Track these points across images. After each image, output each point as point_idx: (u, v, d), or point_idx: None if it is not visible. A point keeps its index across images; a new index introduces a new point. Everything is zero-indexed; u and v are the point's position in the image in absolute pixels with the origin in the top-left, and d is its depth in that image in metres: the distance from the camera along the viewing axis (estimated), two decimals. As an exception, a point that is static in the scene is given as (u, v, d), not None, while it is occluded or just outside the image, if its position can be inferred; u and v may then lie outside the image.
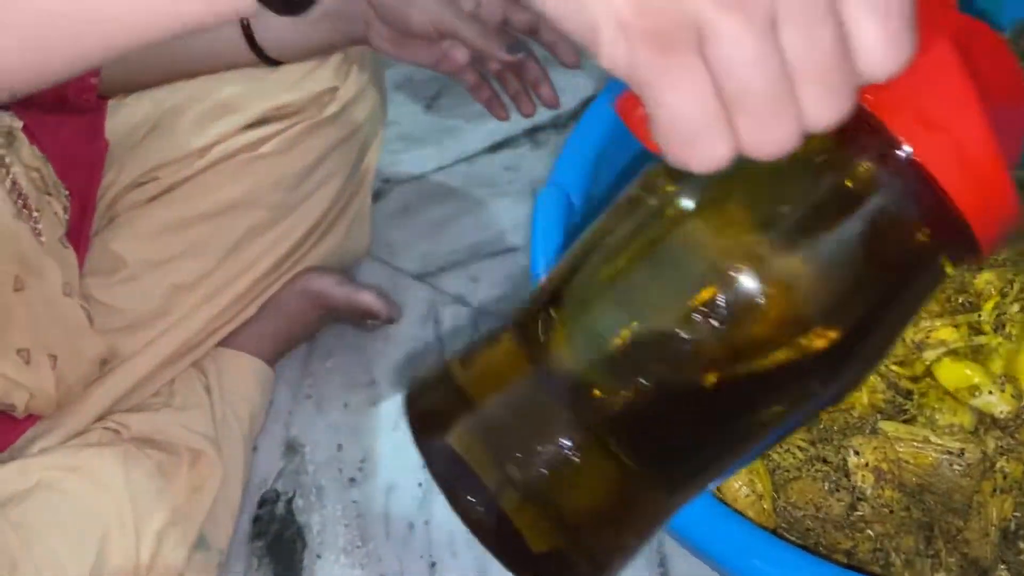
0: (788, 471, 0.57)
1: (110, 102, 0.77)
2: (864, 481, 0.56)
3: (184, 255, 0.76)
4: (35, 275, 0.66)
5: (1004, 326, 0.59)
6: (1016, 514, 0.57)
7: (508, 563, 0.32)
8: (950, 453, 0.57)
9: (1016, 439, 0.58)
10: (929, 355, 0.60)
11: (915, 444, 0.57)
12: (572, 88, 1.02)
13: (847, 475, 0.56)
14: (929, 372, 0.60)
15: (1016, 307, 0.59)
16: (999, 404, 0.58)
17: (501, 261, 0.94)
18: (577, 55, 0.67)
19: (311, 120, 0.76)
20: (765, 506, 0.56)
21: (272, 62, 0.74)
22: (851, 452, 0.56)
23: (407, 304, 0.91)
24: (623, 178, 0.57)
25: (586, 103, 1.04)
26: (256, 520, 0.79)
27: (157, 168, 0.77)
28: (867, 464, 0.56)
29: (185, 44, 0.74)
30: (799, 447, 0.58)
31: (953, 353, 0.60)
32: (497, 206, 0.99)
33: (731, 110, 0.27)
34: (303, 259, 0.82)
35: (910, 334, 0.61)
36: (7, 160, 0.67)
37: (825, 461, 0.57)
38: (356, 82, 0.78)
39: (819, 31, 0.27)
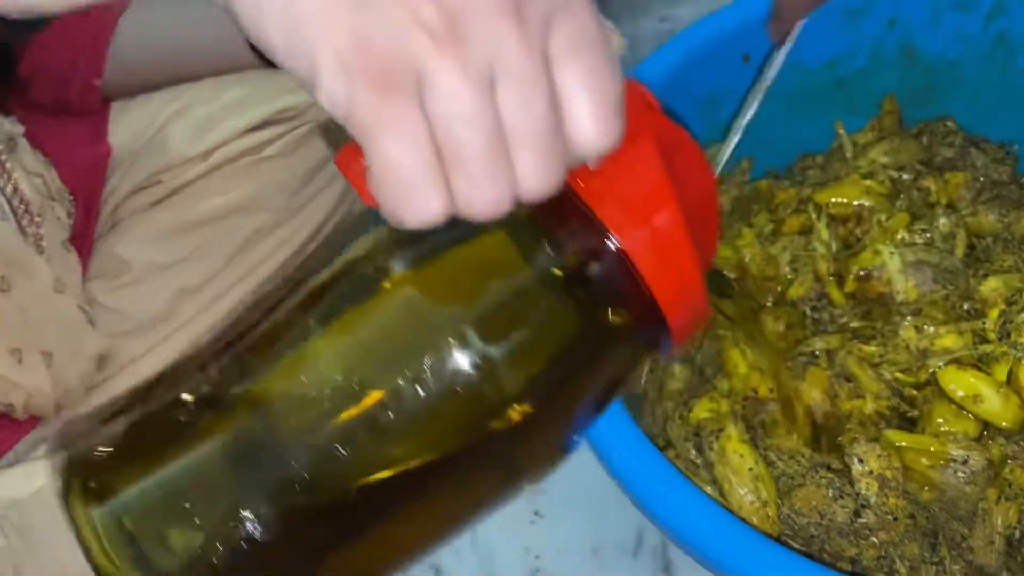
0: (792, 478, 0.57)
1: (113, 105, 0.77)
2: (868, 489, 0.56)
3: (189, 259, 0.75)
4: (23, 274, 0.66)
5: (1009, 334, 0.59)
6: (1021, 522, 0.57)
7: None
8: (955, 461, 0.57)
9: (1021, 446, 0.58)
10: (933, 362, 0.60)
11: (919, 452, 0.57)
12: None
13: (851, 482, 0.56)
14: (933, 379, 0.60)
15: (1023, 316, 0.59)
16: (1003, 413, 0.58)
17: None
18: None
19: (315, 122, 0.76)
20: (770, 513, 0.56)
21: (274, 64, 0.74)
22: (855, 460, 0.56)
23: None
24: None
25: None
26: (259, 524, 0.79)
27: (160, 172, 0.76)
28: (871, 472, 0.56)
29: (188, 45, 0.74)
30: (803, 454, 0.58)
31: (957, 361, 0.60)
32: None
33: (447, 165, 0.27)
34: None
35: (914, 341, 0.61)
36: (8, 166, 0.67)
37: (829, 468, 0.57)
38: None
39: (533, 96, 0.27)
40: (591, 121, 0.28)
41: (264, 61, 0.74)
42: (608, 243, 0.32)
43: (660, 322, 0.33)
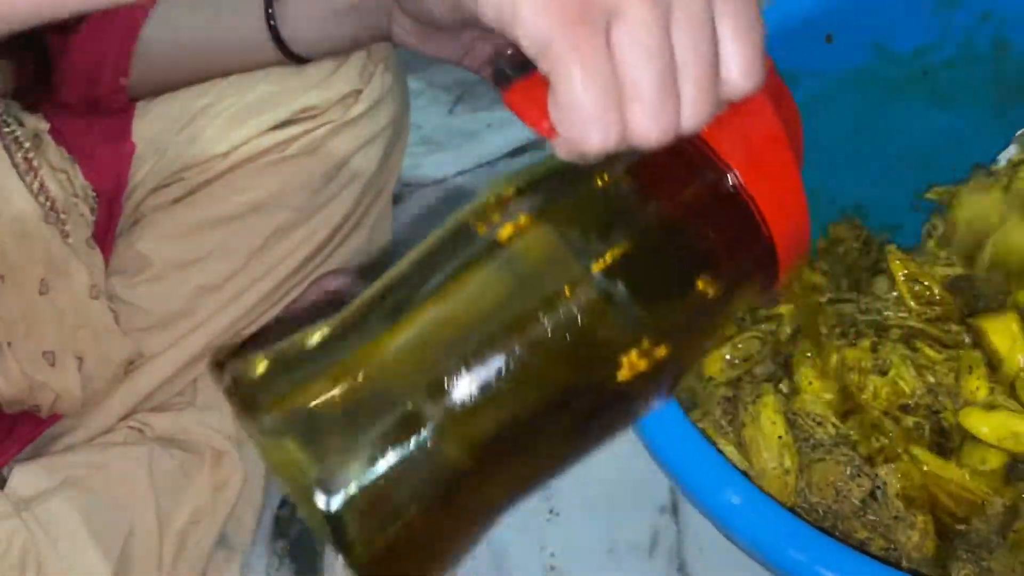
0: (815, 448, 0.58)
1: (138, 103, 0.77)
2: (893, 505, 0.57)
3: (210, 256, 0.76)
4: (62, 277, 0.66)
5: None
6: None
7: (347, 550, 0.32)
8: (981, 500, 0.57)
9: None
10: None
11: (948, 481, 0.58)
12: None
13: (870, 463, 0.57)
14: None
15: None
16: None
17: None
18: None
19: (336, 122, 0.77)
20: (789, 481, 0.57)
21: (298, 60, 0.74)
22: (888, 479, 0.57)
23: (427, 307, 0.91)
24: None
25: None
26: (278, 520, 0.79)
27: (183, 170, 0.77)
28: (898, 493, 0.57)
29: (214, 43, 0.75)
30: (831, 422, 0.59)
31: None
32: (517, 210, 0.99)
33: (625, 95, 0.30)
34: (326, 261, 0.82)
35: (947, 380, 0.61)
36: (35, 163, 0.68)
37: (853, 447, 0.58)
38: (380, 84, 0.79)
39: (702, 35, 0.31)
40: (741, 62, 0.32)
41: (289, 56, 0.75)
42: (732, 181, 0.34)
43: (774, 262, 0.36)
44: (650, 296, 0.34)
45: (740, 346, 0.64)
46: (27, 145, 0.68)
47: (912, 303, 0.64)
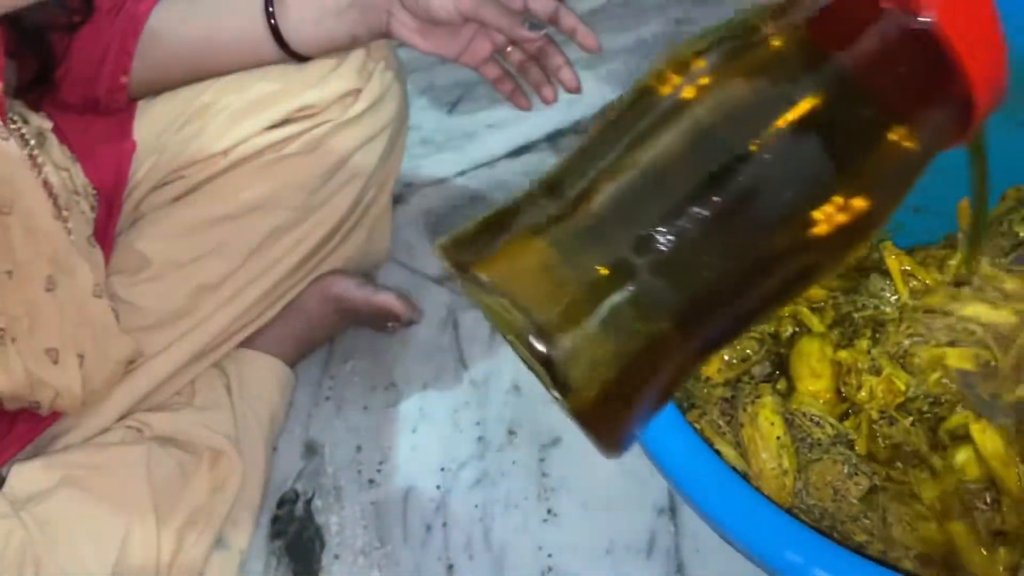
0: (812, 448, 0.58)
1: (139, 103, 0.77)
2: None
3: (208, 255, 0.76)
4: (67, 275, 0.66)
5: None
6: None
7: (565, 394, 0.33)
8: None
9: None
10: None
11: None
12: (592, 93, 1.02)
13: (870, 460, 0.57)
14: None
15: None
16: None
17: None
18: (596, 39, 0.68)
19: (335, 121, 0.77)
20: (787, 483, 0.57)
21: (298, 57, 0.74)
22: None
23: (427, 308, 0.91)
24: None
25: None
26: (275, 520, 0.79)
27: (182, 168, 0.77)
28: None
29: (213, 42, 0.75)
30: (829, 422, 0.59)
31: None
32: (517, 211, 0.99)
33: None
34: (325, 261, 0.83)
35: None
36: (39, 160, 0.68)
37: (850, 446, 0.58)
38: (380, 83, 0.79)
39: None
40: None
41: (289, 53, 0.75)
42: (921, 17, 0.33)
43: (969, 104, 0.35)
44: (842, 147, 0.33)
45: (738, 346, 0.64)
46: (32, 143, 0.68)
47: (908, 299, 0.64)
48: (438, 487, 0.80)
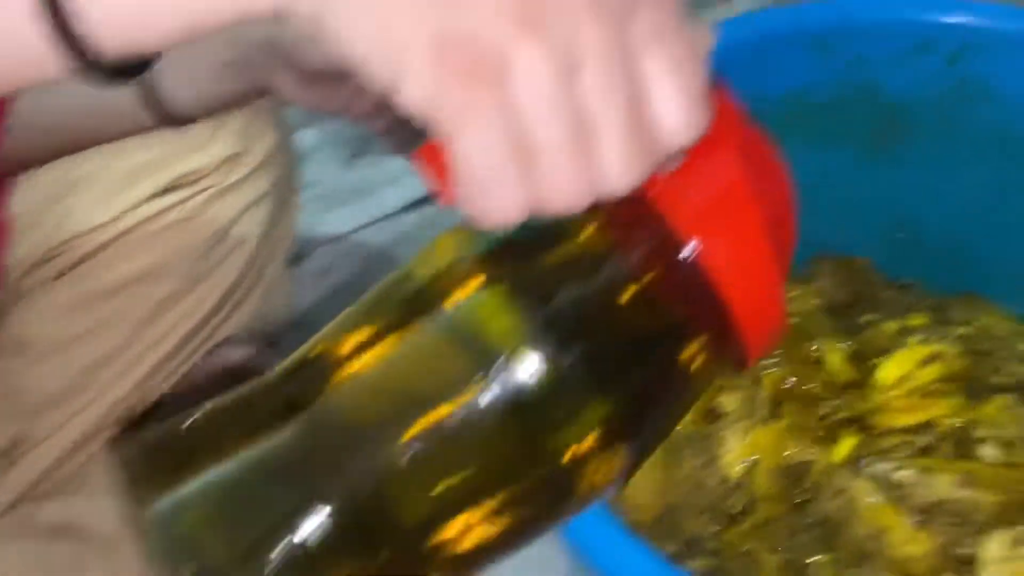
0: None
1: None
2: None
3: (93, 332, 0.74)
4: None
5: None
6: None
7: None
8: None
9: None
10: None
11: None
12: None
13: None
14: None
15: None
16: None
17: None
18: None
19: (217, 186, 0.75)
20: (657, 476, 0.58)
21: (175, 122, 0.73)
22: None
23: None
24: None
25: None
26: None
27: (62, 243, 0.75)
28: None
29: (89, 111, 0.73)
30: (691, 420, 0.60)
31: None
32: (418, 264, 0.98)
33: (528, 156, 0.27)
34: (220, 328, 0.80)
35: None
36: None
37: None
38: (263, 146, 0.77)
39: (614, 83, 0.27)
40: (673, 109, 0.28)
41: (165, 120, 0.73)
42: (684, 251, 0.31)
43: (737, 336, 0.32)
44: (603, 373, 0.31)
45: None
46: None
47: None
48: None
